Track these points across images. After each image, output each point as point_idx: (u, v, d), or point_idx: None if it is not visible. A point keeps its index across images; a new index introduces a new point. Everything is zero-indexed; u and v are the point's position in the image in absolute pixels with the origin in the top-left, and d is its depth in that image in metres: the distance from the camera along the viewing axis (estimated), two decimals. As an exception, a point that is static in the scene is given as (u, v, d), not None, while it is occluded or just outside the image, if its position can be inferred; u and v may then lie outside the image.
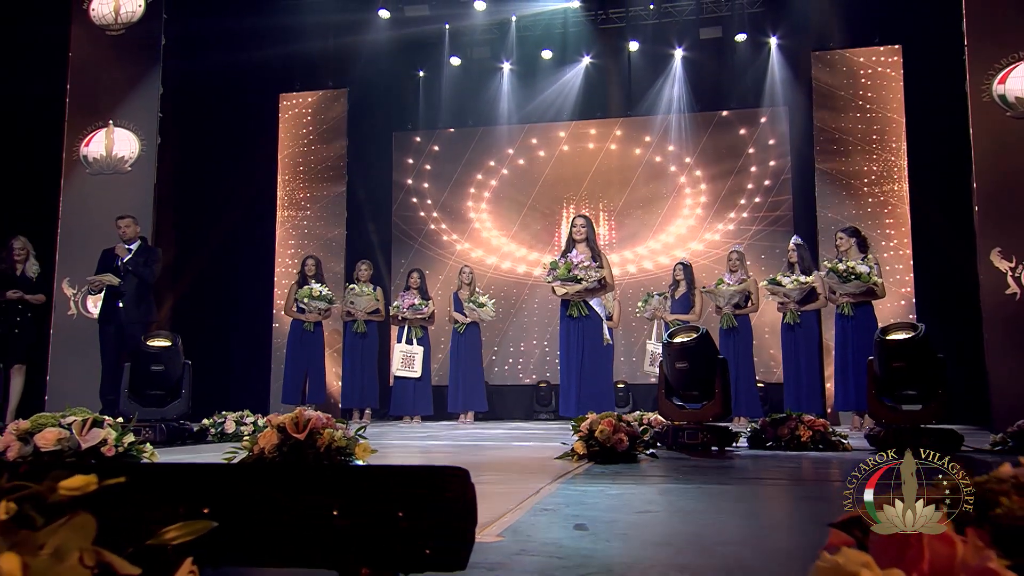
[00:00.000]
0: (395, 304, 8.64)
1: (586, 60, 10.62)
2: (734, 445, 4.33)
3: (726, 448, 4.19)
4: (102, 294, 6.45)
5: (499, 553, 1.41)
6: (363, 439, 2.63)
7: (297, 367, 8.30)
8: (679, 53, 10.34)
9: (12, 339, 6.65)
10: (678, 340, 4.33)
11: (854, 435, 5.01)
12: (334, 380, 9.20)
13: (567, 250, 6.36)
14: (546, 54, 10.63)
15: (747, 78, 10.11)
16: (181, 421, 5.00)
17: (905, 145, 8.64)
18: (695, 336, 4.30)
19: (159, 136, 7.75)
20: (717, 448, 4.15)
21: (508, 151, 10.85)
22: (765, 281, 7.33)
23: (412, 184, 11.07)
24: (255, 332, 9.82)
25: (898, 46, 8.86)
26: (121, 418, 3.22)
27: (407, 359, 8.47)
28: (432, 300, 8.72)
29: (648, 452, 3.68)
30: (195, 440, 4.99)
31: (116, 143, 7.73)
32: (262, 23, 9.30)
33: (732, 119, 10.36)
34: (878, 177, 8.70)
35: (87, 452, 2.74)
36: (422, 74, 11.05)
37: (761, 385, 8.22)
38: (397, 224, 11.00)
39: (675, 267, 8.05)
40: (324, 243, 9.87)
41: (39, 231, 7.67)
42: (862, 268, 6.44)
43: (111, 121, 7.78)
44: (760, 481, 2.88)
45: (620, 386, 9.25)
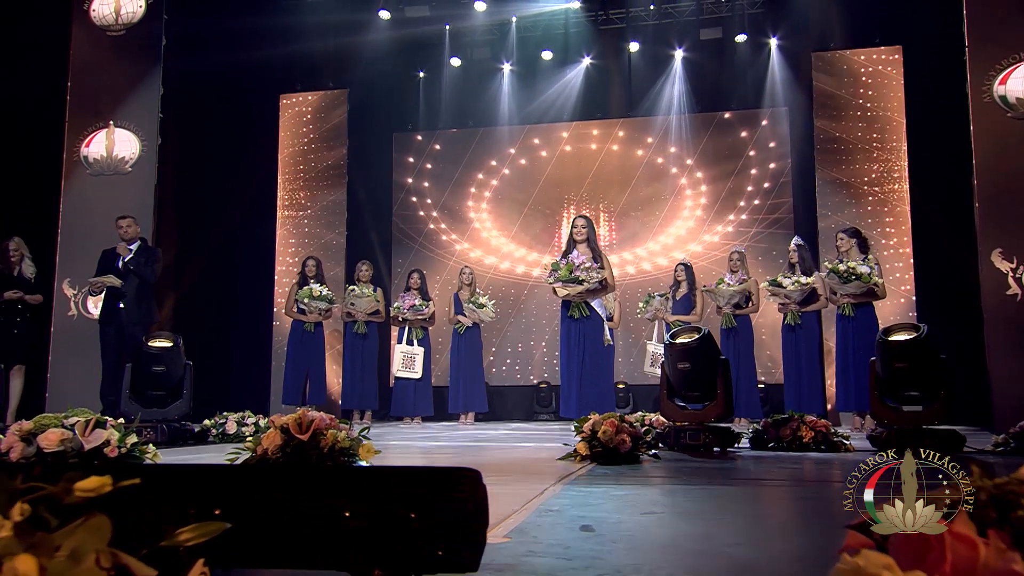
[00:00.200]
0: (395, 305, 8.63)
1: (586, 61, 10.62)
2: (736, 446, 4.33)
3: (728, 449, 4.19)
4: (102, 295, 6.43)
5: (507, 554, 1.40)
6: (366, 440, 2.62)
7: (298, 368, 8.29)
8: (679, 54, 10.34)
9: (11, 340, 6.63)
10: (680, 341, 4.32)
11: (855, 436, 5.01)
12: (334, 381, 9.20)
13: (568, 251, 6.35)
14: (546, 55, 10.63)
15: (747, 79, 10.11)
16: (182, 422, 4.99)
17: (905, 146, 8.64)
18: (697, 337, 4.29)
19: (160, 137, 7.76)
20: (719, 449, 4.14)
21: (508, 152, 10.85)
22: (766, 282, 7.33)
23: (412, 185, 11.06)
24: (255, 332, 9.82)
25: (898, 47, 8.87)
26: (122, 419, 3.21)
27: (407, 360, 8.47)
28: (432, 301, 8.72)
29: (651, 453, 3.67)
30: (196, 441, 4.99)
31: (117, 144, 7.73)
32: (263, 24, 9.30)
33: (732, 120, 10.36)
34: (879, 177, 8.70)
35: (90, 453, 2.73)
36: (422, 75, 11.05)
37: (761, 386, 8.22)
38: (397, 225, 11.00)
39: (676, 267, 8.03)
40: (324, 244, 9.86)
41: (39, 232, 7.66)
42: (863, 269, 6.44)
43: (112, 122, 7.78)
44: (764, 482, 2.88)
45: (620, 387, 9.25)
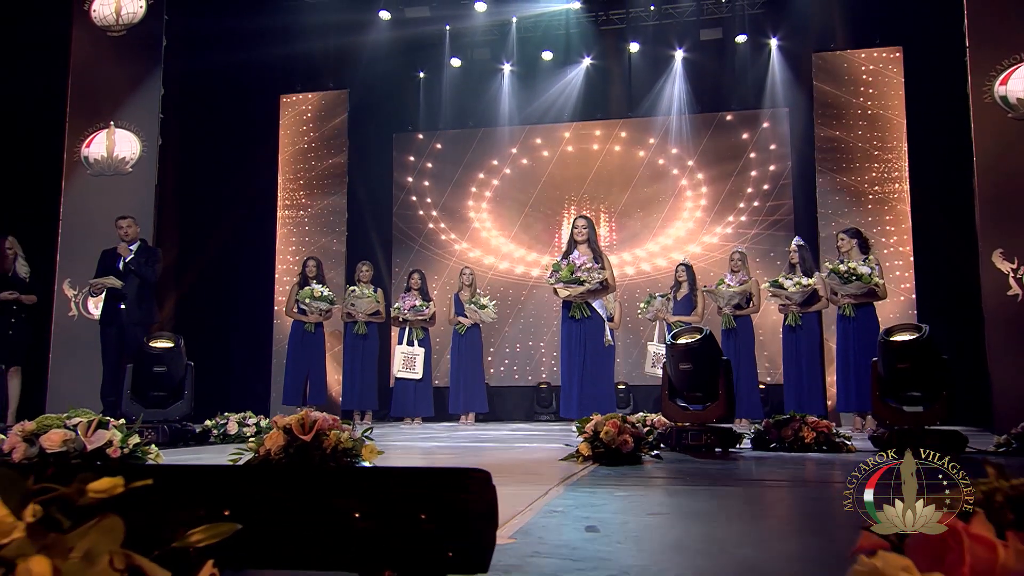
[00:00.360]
0: (396, 306, 8.63)
1: (587, 61, 10.62)
2: (738, 447, 4.33)
3: (730, 450, 4.18)
4: (103, 295, 6.41)
5: (513, 555, 1.40)
6: (370, 440, 2.62)
7: (298, 368, 8.29)
8: (679, 54, 10.34)
9: (6, 341, 6.55)
10: (682, 341, 4.32)
11: (856, 436, 5.01)
12: (335, 381, 9.19)
13: (568, 251, 6.35)
14: (546, 55, 10.62)
15: (748, 79, 10.10)
16: (183, 423, 4.99)
17: (906, 146, 8.64)
18: (699, 337, 4.29)
19: (160, 137, 7.75)
20: (721, 449, 4.14)
21: (508, 152, 10.84)
22: (767, 283, 7.33)
23: (412, 185, 11.06)
24: (255, 333, 9.81)
25: (899, 47, 8.86)
26: (123, 419, 3.21)
27: (408, 360, 8.46)
28: (433, 301, 8.72)
29: (653, 454, 3.67)
30: (198, 441, 4.98)
31: (117, 144, 7.73)
32: (263, 24, 9.29)
33: (733, 120, 10.36)
34: (879, 178, 8.70)
35: (92, 454, 2.73)
36: (422, 75, 11.04)
37: (762, 387, 8.22)
38: (397, 225, 10.99)
39: (677, 268, 8.02)
40: (324, 244, 9.85)
41: (40, 232, 7.66)
42: (863, 269, 6.44)
43: (112, 122, 7.78)
44: (767, 483, 2.88)
45: (620, 387, 9.24)
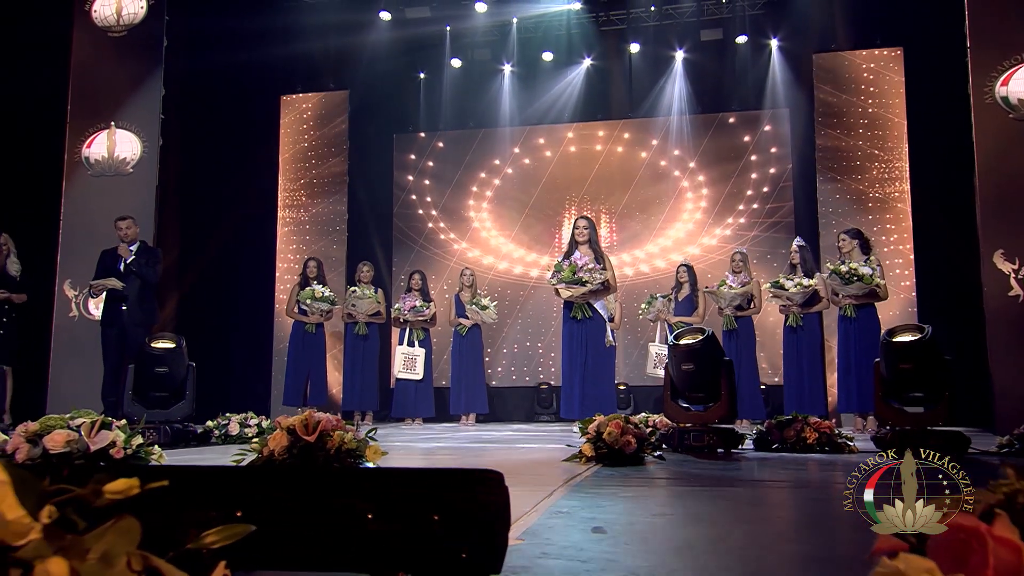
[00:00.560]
0: (396, 306, 8.63)
1: (587, 62, 10.61)
2: (740, 447, 4.33)
3: (732, 450, 4.18)
4: (103, 296, 6.38)
5: (521, 556, 1.40)
6: (373, 441, 2.62)
7: (299, 369, 8.28)
8: (680, 55, 10.33)
9: None
10: (684, 342, 4.32)
11: (857, 437, 5.01)
12: (335, 382, 9.18)
13: (569, 252, 6.35)
14: (547, 56, 10.61)
15: (748, 80, 10.10)
16: (185, 423, 4.98)
17: (907, 146, 8.64)
18: (701, 338, 4.28)
19: (161, 137, 7.75)
20: (723, 450, 4.14)
21: (509, 153, 10.83)
22: (768, 284, 7.32)
23: (413, 185, 11.05)
24: (256, 333, 9.80)
25: (899, 48, 8.86)
26: (125, 420, 3.21)
27: (408, 361, 8.46)
28: (433, 302, 8.72)
29: (655, 454, 3.67)
30: (199, 442, 4.97)
31: (118, 144, 7.73)
32: (263, 25, 9.29)
33: (733, 121, 10.36)
34: (880, 178, 8.70)
35: (96, 454, 2.73)
36: (423, 76, 11.03)
37: (762, 387, 8.21)
38: (398, 226, 10.98)
39: (678, 269, 8.01)
40: (325, 245, 9.85)
41: (40, 232, 7.65)
42: (865, 270, 6.44)
43: (113, 122, 7.78)
44: (772, 484, 2.88)
45: (621, 388, 9.23)
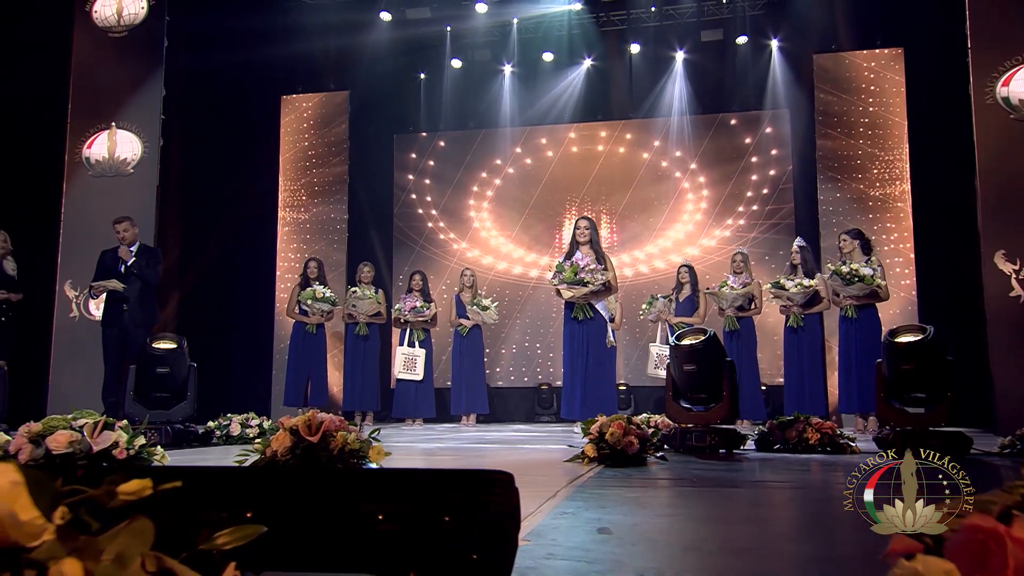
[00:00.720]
0: (397, 307, 8.62)
1: (587, 63, 10.60)
2: (742, 448, 4.32)
3: (734, 451, 4.18)
4: (103, 297, 6.37)
5: (528, 557, 1.39)
6: (377, 442, 2.62)
7: (299, 369, 8.27)
8: (680, 55, 10.32)
9: None
10: (686, 343, 4.32)
11: (858, 438, 5.01)
12: (336, 383, 9.18)
13: (571, 252, 6.34)
14: (547, 56, 10.60)
15: (749, 80, 10.09)
16: (186, 424, 4.98)
17: (907, 147, 8.64)
18: (703, 339, 4.28)
19: (161, 138, 7.74)
20: (725, 451, 4.14)
21: (509, 153, 10.82)
22: (769, 284, 7.32)
23: (413, 186, 11.04)
24: (256, 334, 9.80)
25: (900, 48, 8.86)
26: (126, 420, 3.20)
27: (409, 362, 8.46)
28: (434, 302, 8.71)
29: (658, 455, 3.67)
30: (201, 443, 4.97)
31: (118, 145, 7.72)
32: (264, 25, 9.28)
33: (734, 122, 10.36)
34: (880, 179, 8.71)
35: (98, 455, 2.72)
36: (423, 76, 11.02)
37: (763, 388, 8.21)
38: (398, 226, 10.97)
39: (679, 269, 8.00)
40: (325, 245, 9.84)
41: (41, 233, 7.64)
42: (866, 271, 6.44)
43: (113, 123, 7.77)
44: (775, 485, 2.87)
45: (621, 388, 9.22)
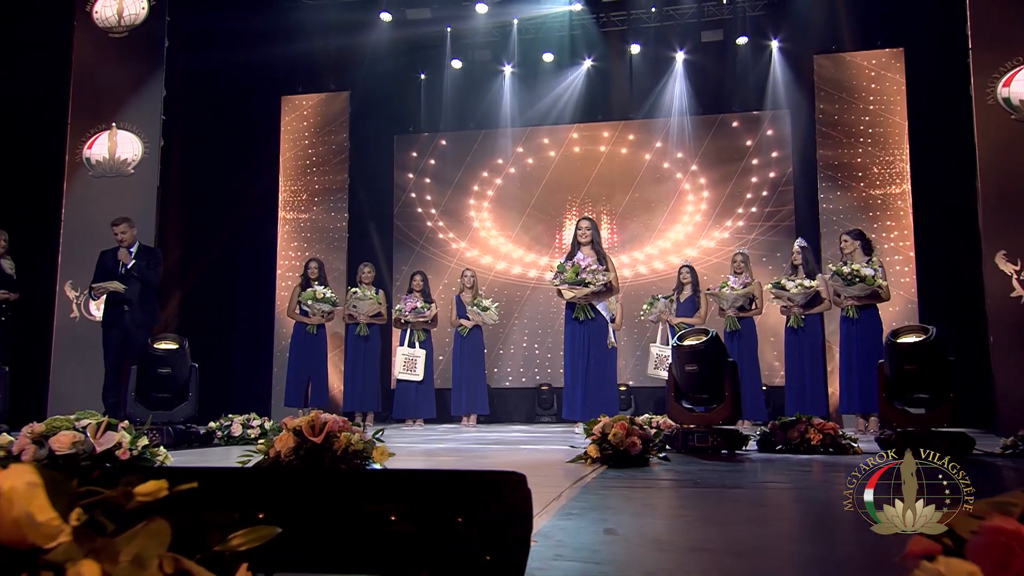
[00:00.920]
0: (397, 307, 8.62)
1: (587, 63, 10.60)
2: (744, 448, 4.32)
3: (736, 451, 4.18)
4: (103, 298, 6.36)
5: (536, 558, 1.39)
6: (380, 442, 2.61)
7: (300, 370, 8.25)
8: (680, 56, 10.32)
9: None
10: (688, 343, 4.32)
11: (860, 438, 5.01)
12: (336, 383, 9.17)
13: (572, 253, 6.34)
14: (547, 57, 10.60)
15: (749, 81, 10.09)
16: (188, 424, 4.97)
17: (908, 147, 8.65)
18: (705, 339, 4.28)
19: (162, 138, 7.74)
20: (727, 451, 4.14)
21: (510, 154, 10.82)
22: (769, 285, 7.32)
23: (413, 186, 11.04)
24: (257, 334, 9.79)
25: (900, 49, 8.87)
26: (127, 421, 3.20)
27: (409, 362, 8.45)
28: (435, 303, 8.71)
29: (660, 456, 3.66)
30: (202, 443, 4.97)
31: (119, 145, 7.71)
32: (264, 25, 9.27)
33: (734, 122, 10.36)
34: (881, 179, 8.71)
35: (101, 456, 2.72)
36: (423, 77, 11.02)
37: (763, 388, 8.21)
38: (398, 226, 10.97)
39: (680, 270, 8.00)
40: (326, 246, 9.84)
41: (41, 233, 7.63)
42: (867, 271, 6.44)
43: (114, 123, 7.76)
44: (779, 486, 2.87)
45: (622, 389, 9.21)
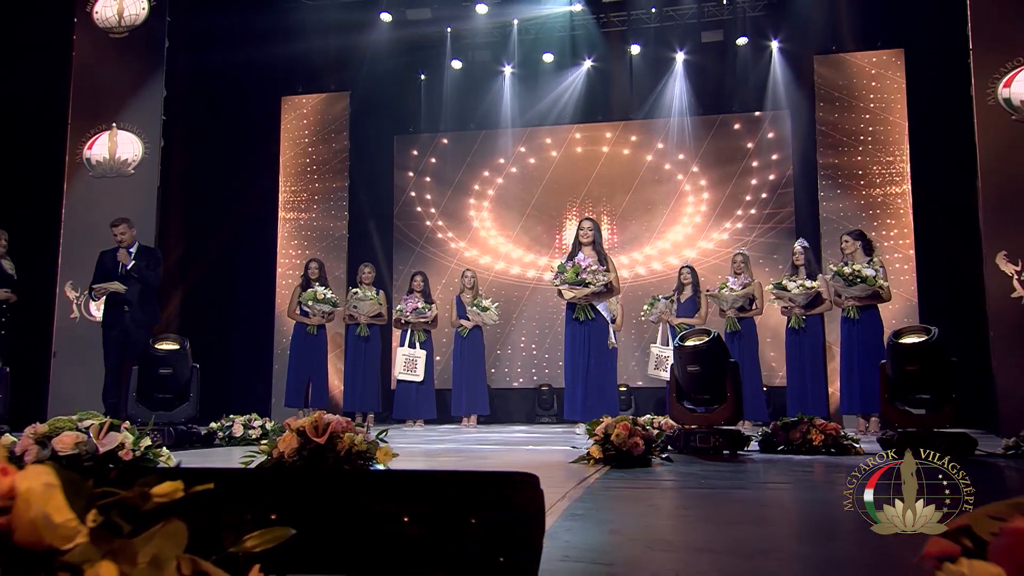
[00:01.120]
0: (398, 308, 8.61)
1: (588, 64, 10.60)
2: (745, 449, 4.32)
3: (738, 452, 4.18)
4: (103, 299, 6.34)
5: (543, 559, 1.38)
6: (384, 443, 2.61)
7: (300, 370, 8.24)
8: (680, 56, 10.32)
9: None
10: (690, 343, 4.32)
11: (862, 439, 5.01)
12: (336, 383, 9.17)
13: (573, 253, 6.34)
14: (547, 57, 10.60)
15: (749, 81, 10.09)
16: (189, 424, 4.97)
17: (908, 148, 8.65)
18: (707, 339, 4.28)
19: (162, 139, 7.73)
20: (729, 452, 4.14)
21: (510, 154, 10.82)
22: (770, 285, 7.32)
23: (414, 187, 11.04)
24: (257, 334, 9.79)
25: (900, 49, 8.88)
26: (128, 421, 3.19)
27: (410, 363, 8.45)
28: (435, 303, 8.70)
29: (663, 456, 3.66)
30: (203, 444, 4.96)
31: (119, 146, 7.70)
32: (264, 26, 9.27)
33: (734, 122, 10.36)
34: (881, 180, 8.72)
35: (104, 456, 2.72)
36: (423, 77, 11.02)
37: (764, 389, 8.20)
38: (398, 227, 10.97)
39: (681, 270, 7.99)
40: (326, 246, 9.84)
41: (41, 234, 7.62)
42: (868, 272, 6.44)
43: (114, 124, 7.75)
44: (782, 486, 2.87)
45: (622, 389, 9.21)
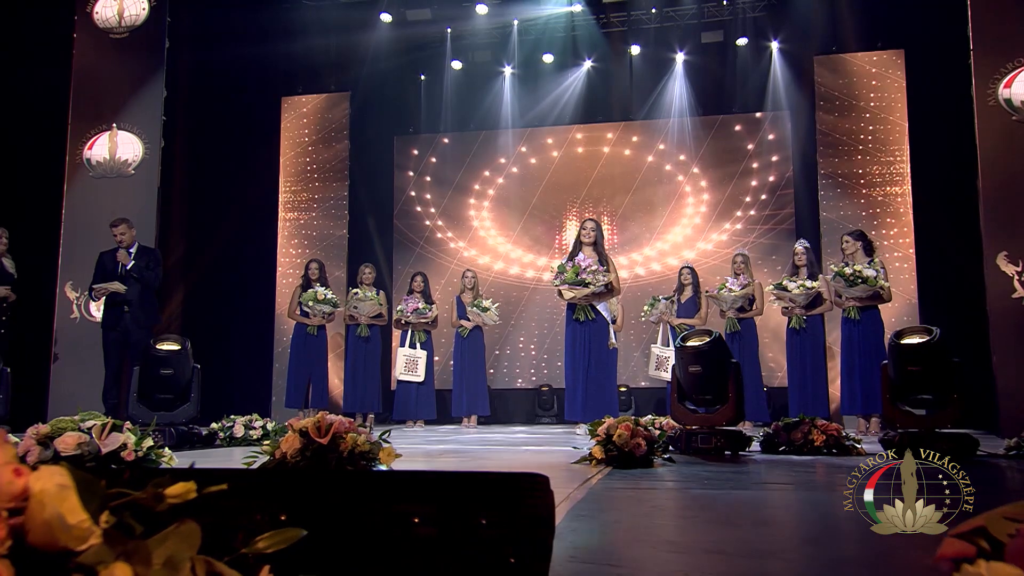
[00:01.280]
0: (398, 308, 8.61)
1: (588, 64, 10.60)
2: (747, 449, 4.32)
3: (740, 452, 4.18)
4: (103, 299, 6.33)
5: (552, 561, 1.38)
6: (387, 444, 2.61)
7: (300, 371, 8.24)
8: (681, 57, 10.33)
9: None
10: (692, 344, 4.31)
11: (863, 439, 5.00)
12: (336, 384, 9.16)
13: (574, 253, 6.34)
14: (547, 58, 10.60)
15: (749, 82, 10.09)
16: (190, 425, 4.96)
17: (908, 148, 8.65)
18: (708, 340, 4.28)
19: (162, 139, 7.72)
20: (731, 452, 4.14)
21: (510, 154, 10.82)
22: (771, 286, 7.31)
23: (414, 187, 11.03)
24: (257, 335, 9.78)
25: (900, 50, 8.88)
26: (129, 422, 3.19)
27: (410, 363, 8.44)
28: (436, 304, 8.70)
29: (665, 457, 3.66)
30: (204, 444, 4.96)
31: (119, 146, 7.69)
32: (265, 26, 9.27)
33: (734, 123, 10.36)
34: (881, 180, 8.72)
35: (107, 457, 2.71)
36: (424, 78, 11.01)
37: (764, 389, 8.20)
38: (399, 227, 10.97)
39: (681, 270, 7.99)
40: (326, 246, 9.83)
41: (41, 234, 7.61)
42: (869, 272, 6.44)
43: (114, 124, 7.74)
44: (785, 487, 2.86)
45: (622, 390, 9.21)
